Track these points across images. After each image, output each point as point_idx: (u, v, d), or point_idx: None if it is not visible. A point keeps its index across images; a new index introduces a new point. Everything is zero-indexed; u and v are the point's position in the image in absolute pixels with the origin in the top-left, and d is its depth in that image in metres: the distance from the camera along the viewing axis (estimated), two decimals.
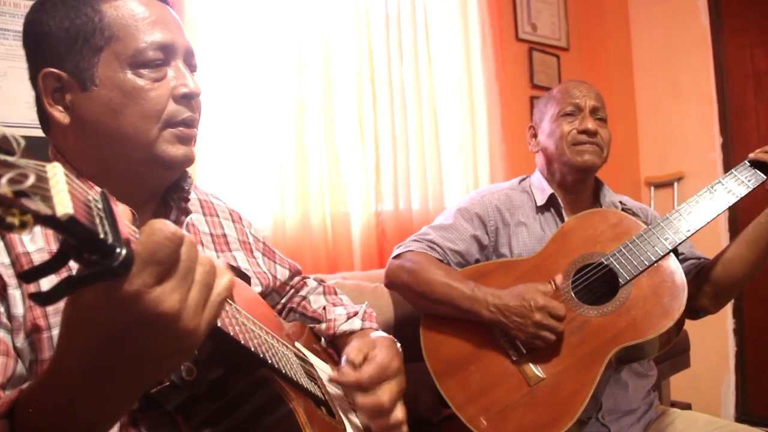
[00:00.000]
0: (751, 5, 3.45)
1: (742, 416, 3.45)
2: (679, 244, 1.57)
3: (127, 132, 0.96)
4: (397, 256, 1.78)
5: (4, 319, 0.84)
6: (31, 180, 0.46)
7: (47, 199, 0.47)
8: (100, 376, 0.63)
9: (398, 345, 1.28)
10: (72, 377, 0.63)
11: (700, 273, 1.70)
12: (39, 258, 0.88)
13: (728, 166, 3.53)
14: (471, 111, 3.03)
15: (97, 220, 0.53)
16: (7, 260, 0.86)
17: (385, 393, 1.14)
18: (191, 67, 1.05)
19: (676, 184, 3.69)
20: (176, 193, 1.10)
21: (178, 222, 1.10)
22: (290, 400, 0.87)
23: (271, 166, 2.33)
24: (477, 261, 1.79)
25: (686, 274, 1.66)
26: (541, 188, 1.82)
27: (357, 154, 2.59)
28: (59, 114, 0.97)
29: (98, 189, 0.60)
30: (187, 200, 1.11)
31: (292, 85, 2.38)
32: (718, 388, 3.51)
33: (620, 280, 1.57)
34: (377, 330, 1.36)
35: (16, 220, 0.45)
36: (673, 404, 3.05)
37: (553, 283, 1.59)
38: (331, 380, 1.12)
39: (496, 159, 3.05)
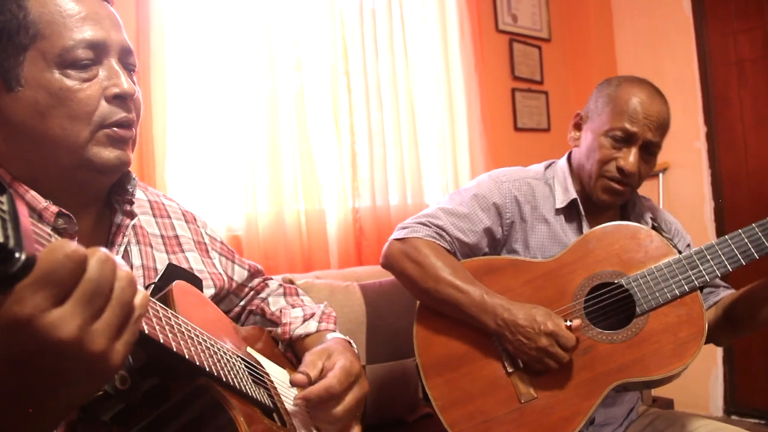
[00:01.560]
0: None
1: (730, 408, 3.42)
2: (710, 282, 1.46)
3: (55, 134, 0.91)
4: (401, 240, 1.62)
5: None
6: None
7: None
8: (6, 404, 0.59)
9: (354, 346, 1.24)
10: None
11: (721, 306, 1.58)
12: None
13: (713, 155, 3.50)
14: (450, 104, 2.98)
15: None
16: None
17: (346, 402, 1.09)
18: (128, 66, 0.99)
19: (661, 175, 3.65)
20: (120, 196, 1.05)
21: (122, 225, 1.05)
22: (230, 408, 0.83)
23: (242, 163, 2.28)
24: (485, 254, 1.66)
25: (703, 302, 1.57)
26: (565, 187, 1.65)
27: (332, 150, 2.54)
28: None
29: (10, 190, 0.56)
30: (132, 203, 1.06)
31: (263, 79, 2.33)
32: (706, 381, 3.48)
33: (637, 309, 1.46)
34: (334, 331, 1.31)
35: None
36: (655, 400, 3.02)
37: (570, 323, 1.44)
38: (299, 398, 1.06)
39: (476, 153, 3.00)
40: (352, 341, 1.26)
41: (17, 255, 0.50)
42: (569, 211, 1.65)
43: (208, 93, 2.27)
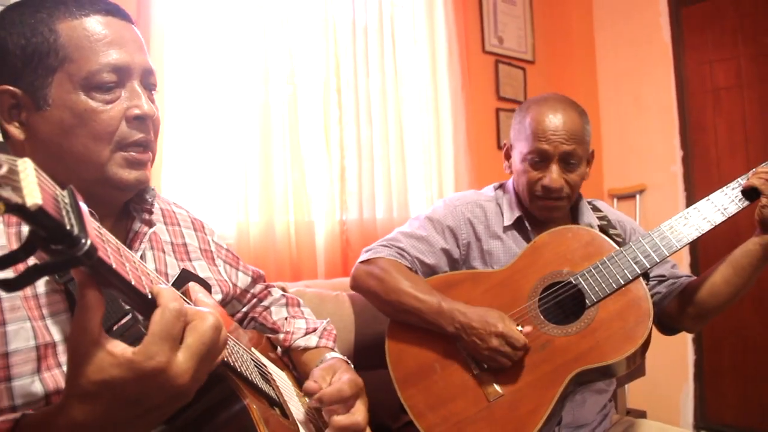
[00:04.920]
0: (710, 23, 3.55)
1: (700, 423, 3.51)
2: (650, 268, 1.57)
3: (78, 152, 0.97)
4: (365, 261, 1.75)
5: None
6: (3, 170, 0.49)
7: (18, 189, 0.50)
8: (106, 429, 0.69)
9: (351, 366, 1.32)
10: (77, 428, 0.68)
11: (683, 293, 1.69)
12: None
13: (688, 179, 3.62)
14: (437, 122, 3.06)
15: (64, 213, 0.56)
16: None
17: (360, 412, 1.17)
18: (149, 87, 1.05)
19: (638, 196, 3.77)
20: (139, 204, 1.11)
21: (139, 233, 1.10)
22: (244, 397, 0.89)
23: (235, 173, 2.33)
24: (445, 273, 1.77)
25: (668, 294, 1.69)
26: (511, 207, 1.78)
27: (322, 163, 2.60)
28: (15, 130, 0.98)
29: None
30: (151, 212, 1.13)
31: (257, 93, 2.38)
32: (677, 396, 3.58)
33: (587, 301, 1.57)
34: (333, 350, 1.38)
35: None
36: (629, 412, 3.11)
37: (521, 328, 1.55)
38: (310, 396, 1.13)
39: (461, 169, 3.08)
40: (348, 360, 1.33)
41: (83, 241, 0.57)
42: (518, 226, 1.77)
43: (203, 104, 2.32)
